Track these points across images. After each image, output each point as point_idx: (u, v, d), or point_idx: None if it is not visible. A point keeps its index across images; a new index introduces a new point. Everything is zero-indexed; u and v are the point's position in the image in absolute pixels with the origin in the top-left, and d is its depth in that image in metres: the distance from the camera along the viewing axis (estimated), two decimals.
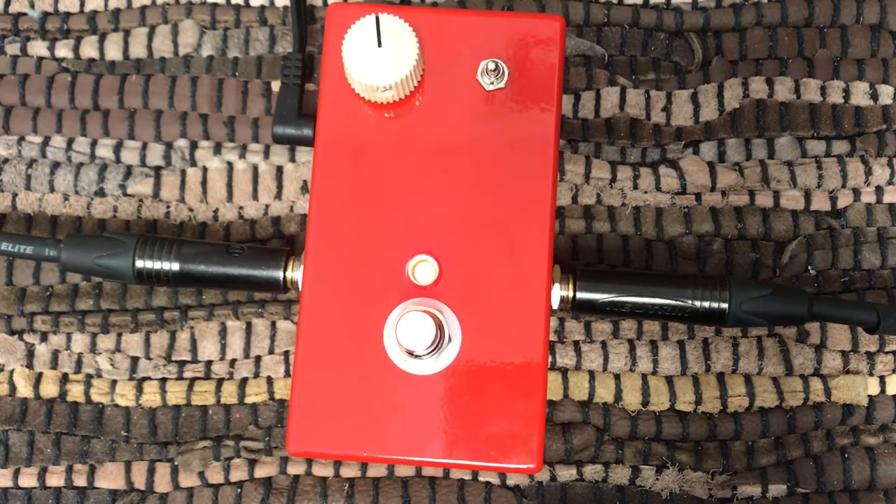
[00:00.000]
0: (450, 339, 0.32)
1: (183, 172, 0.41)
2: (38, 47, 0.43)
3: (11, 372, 0.40)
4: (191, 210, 0.41)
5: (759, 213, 0.40)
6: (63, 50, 0.43)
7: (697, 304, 0.34)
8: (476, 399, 0.31)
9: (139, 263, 0.35)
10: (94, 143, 0.42)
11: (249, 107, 0.42)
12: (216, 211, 0.41)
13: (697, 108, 0.41)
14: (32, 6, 0.43)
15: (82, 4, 0.43)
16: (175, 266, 0.35)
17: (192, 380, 0.40)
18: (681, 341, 0.40)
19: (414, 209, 0.32)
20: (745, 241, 0.40)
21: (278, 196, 0.41)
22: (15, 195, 0.41)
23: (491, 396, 0.31)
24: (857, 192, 0.41)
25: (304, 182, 0.41)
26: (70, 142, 0.42)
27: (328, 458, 0.38)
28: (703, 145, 0.41)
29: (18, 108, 0.42)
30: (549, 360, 0.39)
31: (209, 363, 0.40)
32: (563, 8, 0.42)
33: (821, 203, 0.41)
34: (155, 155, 0.42)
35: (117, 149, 0.42)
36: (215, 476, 0.39)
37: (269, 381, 0.39)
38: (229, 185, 0.41)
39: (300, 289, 0.33)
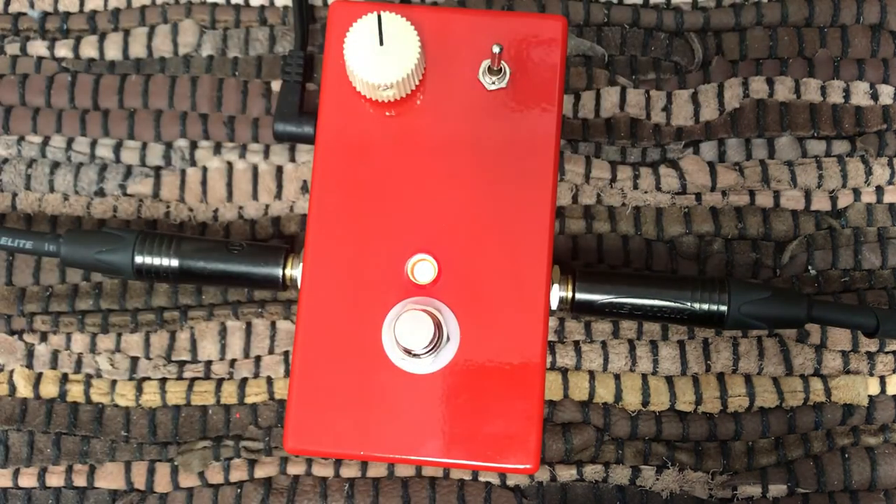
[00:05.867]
0: (448, 339, 0.32)
1: (183, 172, 0.41)
2: (38, 47, 0.43)
3: (11, 372, 0.40)
4: (191, 210, 0.41)
5: (759, 213, 0.40)
6: (63, 50, 0.43)
7: (696, 306, 0.34)
8: (474, 399, 0.31)
9: (138, 259, 0.35)
10: (93, 143, 0.42)
11: (249, 107, 0.42)
12: (216, 211, 0.41)
13: (697, 108, 0.41)
14: (32, 6, 0.43)
15: (82, 4, 0.43)
16: (174, 262, 0.35)
17: (192, 380, 0.40)
18: (681, 341, 0.39)
19: (414, 208, 0.32)
20: (746, 241, 0.40)
21: (278, 196, 0.41)
22: (15, 195, 0.41)
23: (489, 396, 0.31)
24: (857, 192, 0.41)
25: (304, 182, 0.41)
26: (70, 142, 0.42)
27: (325, 456, 0.38)
28: (704, 145, 0.41)
29: (18, 108, 0.42)
30: (549, 360, 0.39)
31: (209, 363, 0.40)
32: (564, 8, 0.42)
33: (821, 203, 0.41)
34: (155, 155, 0.42)
35: (117, 149, 0.42)
36: (215, 476, 0.39)
37: (269, 381, 0.39)
38: (229, 185, 0.41)
39: (299, 286, 0.33)
